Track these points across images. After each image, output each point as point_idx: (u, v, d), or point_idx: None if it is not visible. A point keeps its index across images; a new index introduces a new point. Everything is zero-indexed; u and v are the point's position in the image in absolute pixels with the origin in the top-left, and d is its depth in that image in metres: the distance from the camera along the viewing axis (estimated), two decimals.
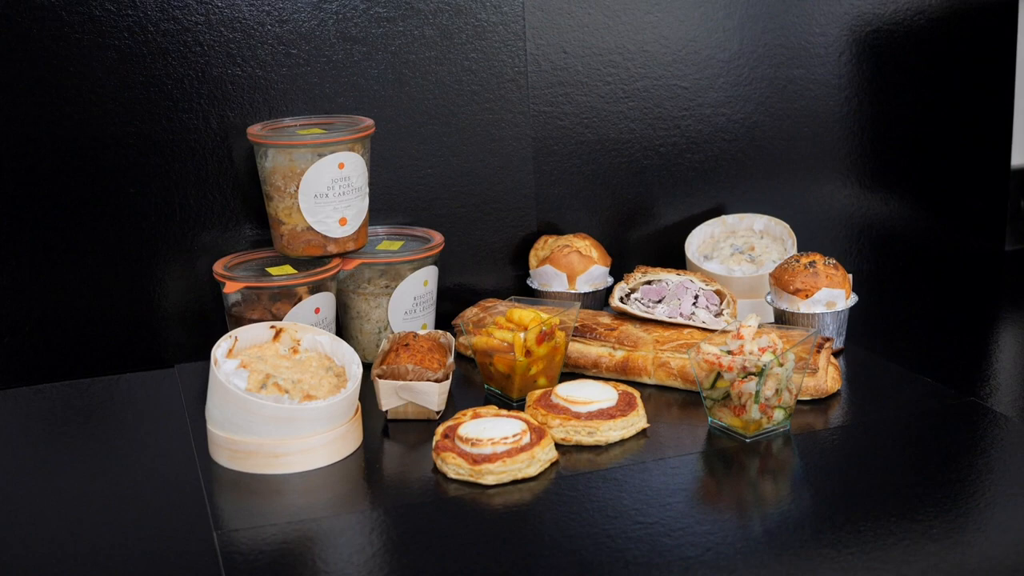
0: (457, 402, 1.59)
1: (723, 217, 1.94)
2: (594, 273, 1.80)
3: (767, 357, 1.41)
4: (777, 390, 1.42)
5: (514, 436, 1.35)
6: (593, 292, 1.80)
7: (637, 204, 1.95)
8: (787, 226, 1.89)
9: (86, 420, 1.58)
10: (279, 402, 1.37)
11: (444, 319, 1.80)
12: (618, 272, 1.87)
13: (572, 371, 1.64)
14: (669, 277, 1.66)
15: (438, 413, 1.50)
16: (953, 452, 1.39)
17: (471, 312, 1.72)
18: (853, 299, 1.69)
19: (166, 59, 1.64)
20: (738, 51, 1.93)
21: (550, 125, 1.86)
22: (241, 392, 1.36)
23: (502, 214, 1.87)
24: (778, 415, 1.44)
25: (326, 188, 1.57)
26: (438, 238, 1.73)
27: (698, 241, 1.91)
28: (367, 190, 1.64)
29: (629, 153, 1.92)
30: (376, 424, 1.51)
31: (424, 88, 1.78)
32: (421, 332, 1.61)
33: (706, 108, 1.94)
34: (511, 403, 1.55)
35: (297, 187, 1.57)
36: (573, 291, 1.80)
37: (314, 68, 1.71)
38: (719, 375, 1.43)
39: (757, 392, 1.40)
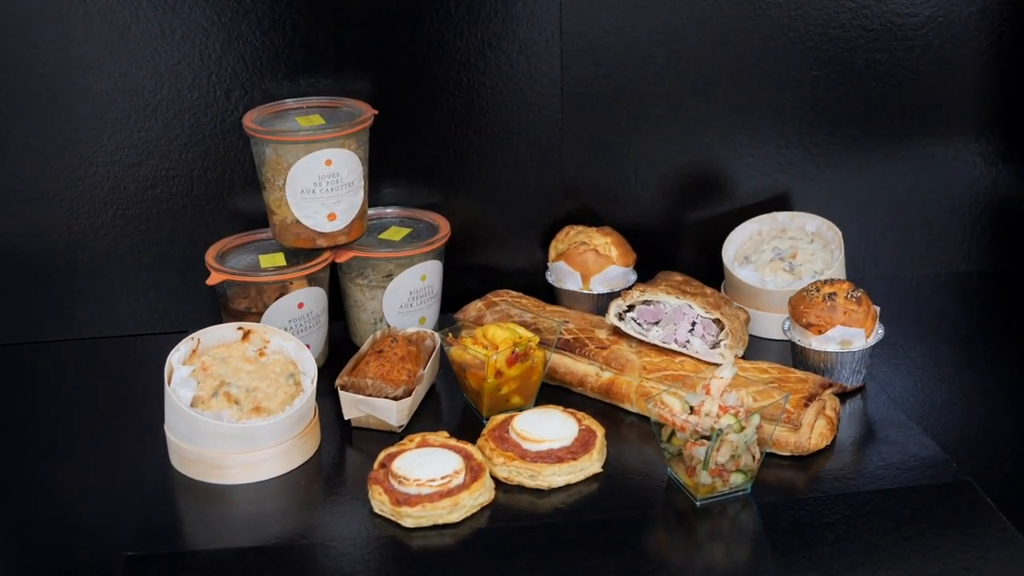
0: (443, 404, 1.56)
1: (774, 214, 1.78)
2: (611, 274, 1.70)
3: (725, 420, 1.30)
4: (733, 455, 1.31)
5: (443, 478, 1.32)
6: (609, 293, 1.70)
7: (681, 193, 1.81)
8: (839, 233, 1.71)
9: (76, 384, 1.64)
10: (219, 419, 1.38)
11: (468, 297, 1.73)
12: (650, 268, 1.76)
13: (560, 384, 1.57)
14: (668, 299, 1.54)
15: (400, 427, 1.48)
16: (919, 540, 1.25)
17: (474, 307, 1.67)
18: (876, 337, 1.53)
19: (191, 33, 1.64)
20: (805, 31, 1.73)
21: (584, 107, 1.74)
22: (183, 407, 1.37)
23: (529, 198, 1.78)
24: (736, 479, 1.33)
25: (312, 184, 1.53)
26: (444, 229, 1.67)
27: (741, 239, 1.76)
28: (362, 183, 1.59)
29: (673, 138, 1.77)
30: (344, 426, 1.50)
31: (447, 65, 1.69)
32: (409, 330, 1.58)
33: (768, 91, 1.76)
34: (482, 419, 1.51)
35: (284, 181, 1.54)
36: (587, 291, 1.70)
37: (331, 43, 1.66)
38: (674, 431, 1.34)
39: (705, 459, 1.30)
